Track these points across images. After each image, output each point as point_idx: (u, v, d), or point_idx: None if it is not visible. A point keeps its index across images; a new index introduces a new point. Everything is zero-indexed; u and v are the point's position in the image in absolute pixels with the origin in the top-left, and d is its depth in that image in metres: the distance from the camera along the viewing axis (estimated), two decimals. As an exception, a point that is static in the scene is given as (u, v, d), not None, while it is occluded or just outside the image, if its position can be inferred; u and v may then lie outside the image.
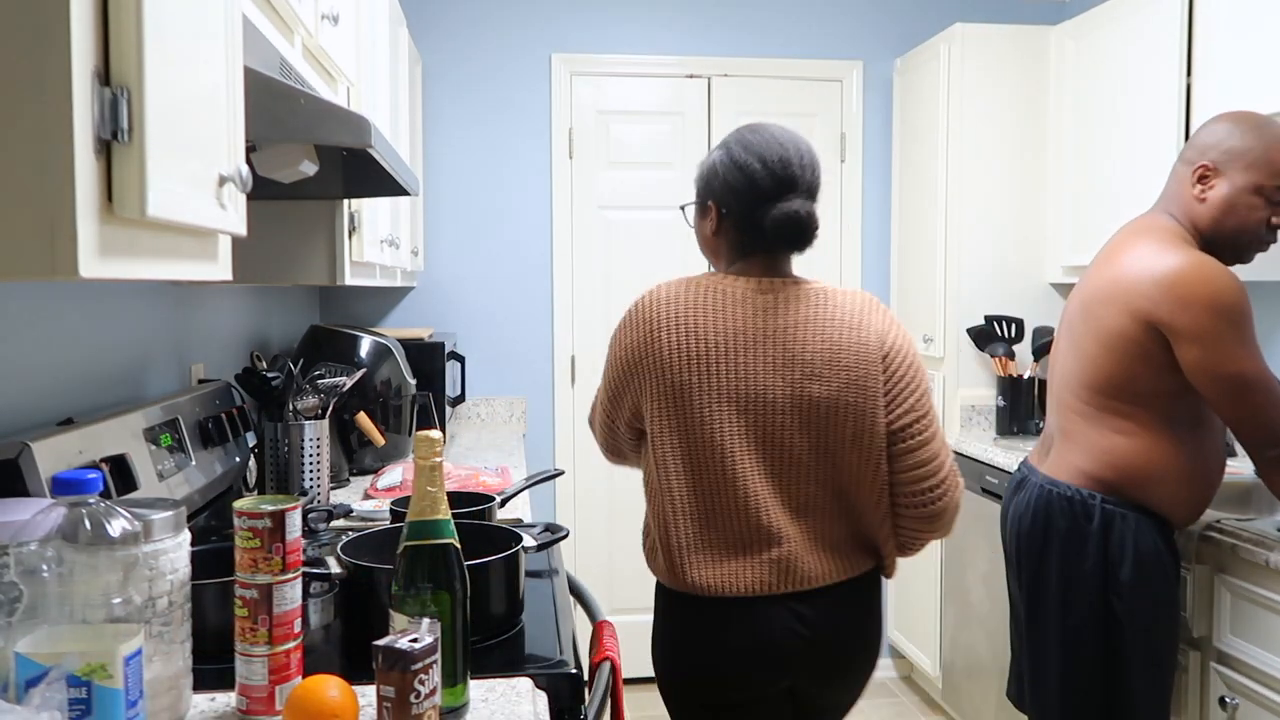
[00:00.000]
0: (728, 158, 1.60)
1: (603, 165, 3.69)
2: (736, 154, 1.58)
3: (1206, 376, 1.81)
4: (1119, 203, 2.86)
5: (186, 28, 0.90)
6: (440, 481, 1.09)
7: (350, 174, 1.88)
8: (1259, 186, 1.86)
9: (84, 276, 0.72)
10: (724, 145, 1.62)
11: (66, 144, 0.70)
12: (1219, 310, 1.78)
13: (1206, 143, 1.94)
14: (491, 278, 3.68)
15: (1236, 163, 1.89)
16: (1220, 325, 1.78)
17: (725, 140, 1.63)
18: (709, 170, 1.63)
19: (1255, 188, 1.87)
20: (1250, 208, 1.87)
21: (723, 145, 1.62)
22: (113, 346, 1.73)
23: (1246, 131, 1.90)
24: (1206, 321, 1.78)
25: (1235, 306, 1.78)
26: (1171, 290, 1.81)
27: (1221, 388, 1.80)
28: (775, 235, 1.58)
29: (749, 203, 1.57)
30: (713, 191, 1.62)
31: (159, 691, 1.03)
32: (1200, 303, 1.78)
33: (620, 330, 1.59)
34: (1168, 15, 2.66)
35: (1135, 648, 1.92)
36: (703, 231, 1.67)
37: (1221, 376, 1.80)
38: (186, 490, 1.69)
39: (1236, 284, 1.80)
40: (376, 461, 2.61)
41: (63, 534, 0.88)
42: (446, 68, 3.61)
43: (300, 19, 1.62)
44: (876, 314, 1.60)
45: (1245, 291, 1.80)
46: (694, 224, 1.71)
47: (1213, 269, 1.81)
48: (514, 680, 1.22)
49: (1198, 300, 1.78)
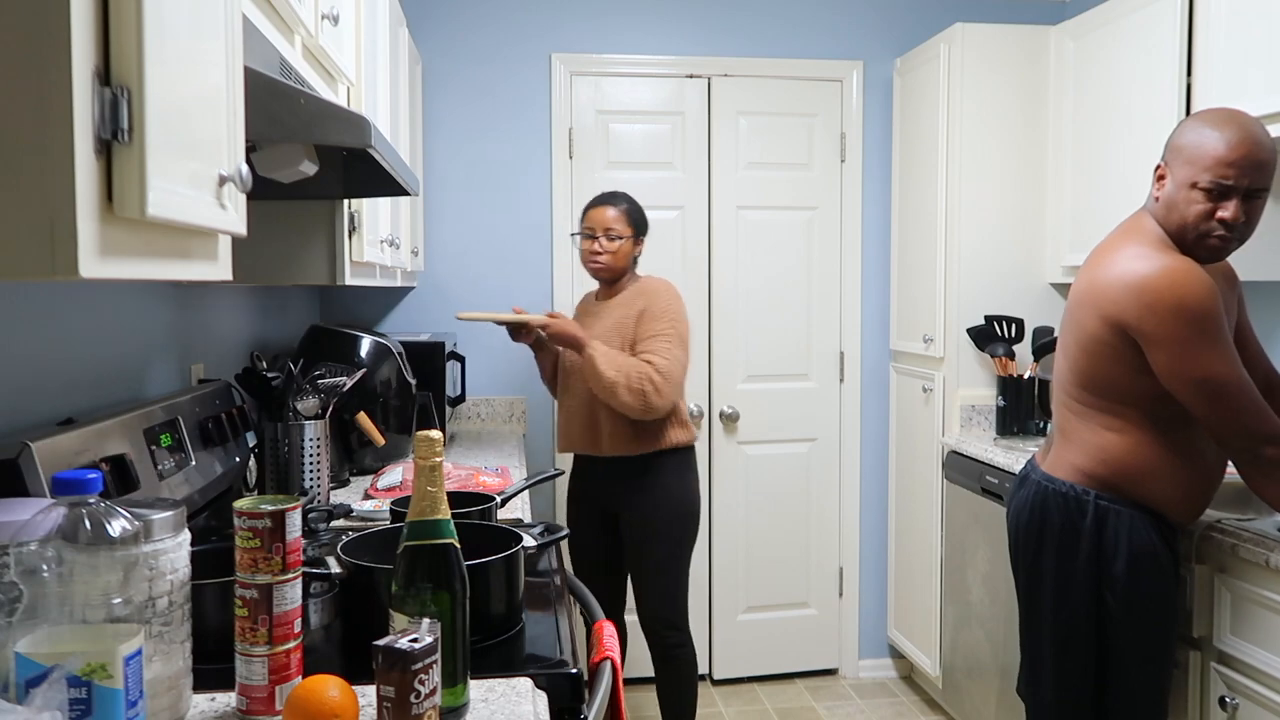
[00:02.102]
0: None
1: (603, 165, 3.69)
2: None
3: (1177, 380, 1.83)
4: (1119, 203, 2.86)
5: (186, 28, 0.90)
6: (440, 481, 1.09)
7: (350, 174, 1.88)
8: (1193, 182, 1.87)
9: (84, 276, 0.72)
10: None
11: (66, 144, 0.70)
12: (1184, 316, 1.80)
13: (1167, 142, 1.98)
14: (491, 278, 3.68)
15: (1176, 159, 1.92)
16: (1186, 330, 1.80)
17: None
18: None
19: (1190, 183, 1.88)
20: (1188, 202, 1.88)
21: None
22: (113, 346, 1.73)
23: (1191, 129, 1.92)
24: (1172, 327, 1.80)
25: (1201, 311, 1.80)
26: (1139, 297, 1.83)
27: (1192, 390, 1.83)
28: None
29: None
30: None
31: (159, 691, 1.03)
32: (1166, 308, 1.80)
33: (678, 298, 2.76)
34: (1168, 15, 2.66)
35: (1129, 642, 1.92)
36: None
37: (1191, 380, 1.82)
38: (186, 490, 1.69)
39: (1204, 288, 1.81)
40: (376, 461, 2.61)
41: (63, 534, 0.88)
42: (446, 68, 3.61)
43: (300, 19, 1.62)
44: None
45: (1215, 294, 1.82)
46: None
47: (1181, 274, 1.82)
48: (514, 680, 1.22)
49: (1163, 306, 1.81)
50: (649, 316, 2.69)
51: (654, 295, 2.73)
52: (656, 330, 2.67)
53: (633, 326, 2.70)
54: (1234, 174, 1.83)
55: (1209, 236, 1.87)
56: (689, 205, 3.70)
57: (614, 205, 2.82)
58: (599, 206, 2.83)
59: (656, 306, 2.71)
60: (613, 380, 2.57)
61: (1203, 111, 1.97)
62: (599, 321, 2.79)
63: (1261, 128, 1.88)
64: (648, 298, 2.73)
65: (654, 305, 2.71)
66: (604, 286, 2.89)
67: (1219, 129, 1.86)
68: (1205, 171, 1.85)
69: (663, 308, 2.70)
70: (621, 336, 2.71)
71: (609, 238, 2.78)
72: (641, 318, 2.70)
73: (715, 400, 3.73)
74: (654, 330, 2.67)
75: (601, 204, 2.84)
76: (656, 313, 2.69)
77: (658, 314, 2.69)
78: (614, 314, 2.77)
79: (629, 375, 2.58)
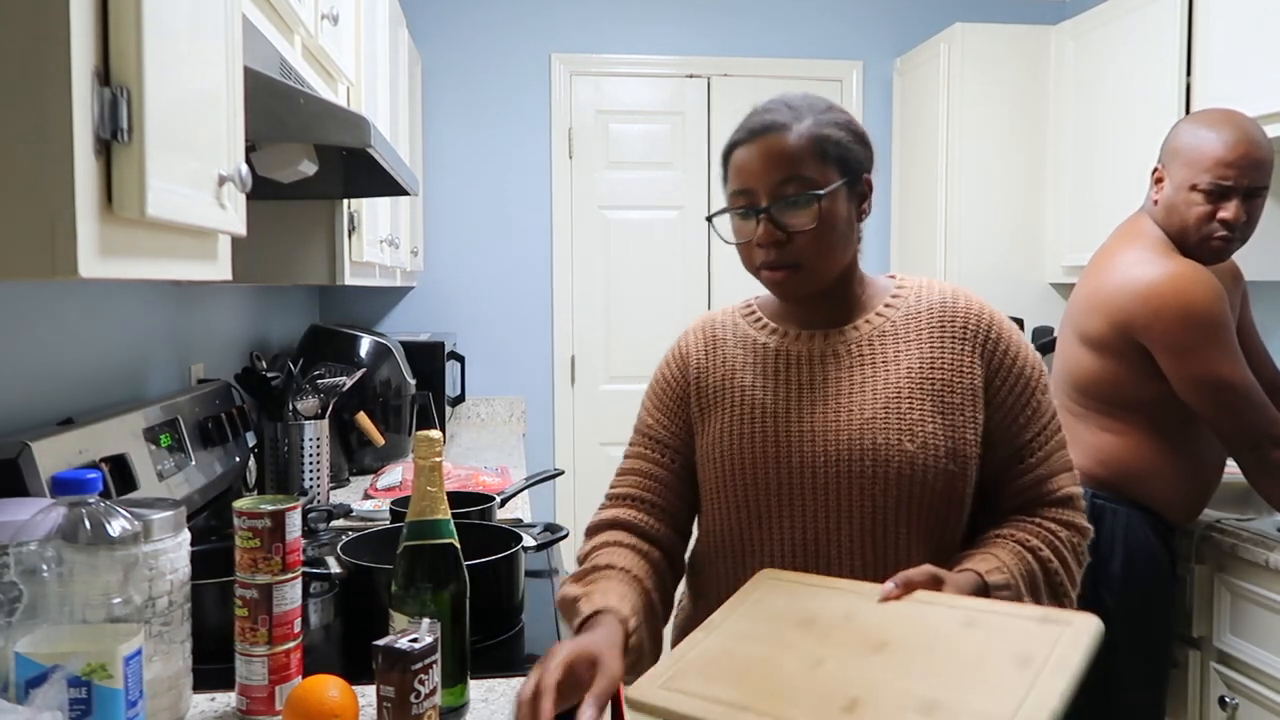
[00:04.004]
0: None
1: (603, 165, 3.69)
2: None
3: (1186, 383, 1.85)
4: (1119, 203, 2.86)
5: (186, 28, 0.90)
6: (440, 481, 1.09)
7: (350, 174, 1.89)
8: (1193, 184, 1.88)
9: (84, 276, 0.72)
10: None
11: (66, 144, 0.70)
12: (1192, 321, 1.81)
13: (1163, 145, 1.98)
14: (491, 278, 3.68)
15: (1174, 162, 1.93)
16: (1194, 335, 1.81)
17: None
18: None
19: (1190, 185, 1.88)
20: (1188, 204, 1.89)
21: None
22: (113, 346, 1.73)
23: (1187, 131, 1.93)
24: (1180, 333, 1.82)
25: (1208, 315, 1.81)
26: (1146, 303, 1.84)
27: (1200, 393, 1.84)
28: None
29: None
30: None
31: (159, 691, 1.03)
32: (1173, 314, 1.81)
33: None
34: (1168, 15, 2.66)
35: (1126, 641, 1.93)
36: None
37: (1200, 383, 1.83)
38: (186, 490, 1.69)
39: (1211, 292, 1.82)
40: (376, 461, 2.61)
41: (63, 534, 0.88)
42: (446, 68, 3.61)
43: (300, 19, 1.62)
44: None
45: (1222, 297, 1.82)
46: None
47: (1186, 279, 1.82)
48: (514, 680, 1.22)
49: (1170, 311, 1.82)
50: (1022, 382, 1.24)
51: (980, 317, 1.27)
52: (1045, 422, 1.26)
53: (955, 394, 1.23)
54: (1233, 174, 1.84)
55: (1211, 238, 1.88)
56: (689, 205, 3.70)
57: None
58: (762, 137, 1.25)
59: (1015, 349, 1.27)
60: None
61: (1198, 113, 1.97)
62: (839, 373, 1.26)
63: (1258, 127, 1.89)
64: (978, 324, 1.26)
65: (1010, 346, 1.26)
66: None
67: (1216, 130, 1.86)
68: (1204, 173, 1.85)
69: (1033, 358, 1.29)
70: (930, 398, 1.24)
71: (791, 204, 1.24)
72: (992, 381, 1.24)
73: (715, 400, 3.73)
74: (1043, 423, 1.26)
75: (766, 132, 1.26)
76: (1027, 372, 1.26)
77: (1027, 371, 1.26)
78: (873, 349, 1.26)
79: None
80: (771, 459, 1.23)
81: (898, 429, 1.19)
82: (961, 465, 1.20)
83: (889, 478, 1.19)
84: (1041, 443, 1.24)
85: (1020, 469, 1.24)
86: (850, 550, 1.20)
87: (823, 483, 1.21)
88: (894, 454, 1.18)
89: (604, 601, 1.11)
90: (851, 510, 1.20)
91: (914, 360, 1.23)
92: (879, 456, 1.19)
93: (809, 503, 1.21)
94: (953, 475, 1.19)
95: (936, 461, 1.18)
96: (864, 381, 1.23)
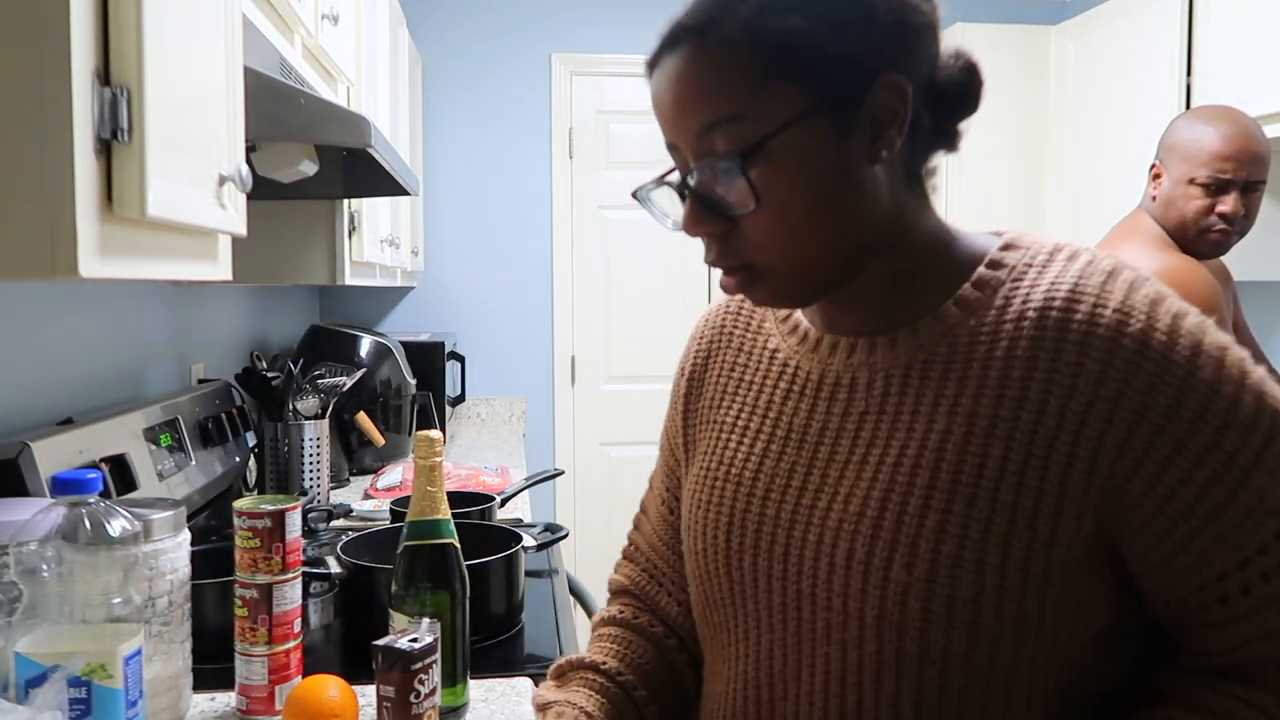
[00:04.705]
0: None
1: (603, 165, 3.69)
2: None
3: None
4: (1119, 202, 2.85)
5: (186, 28, 0.90)
6: (440, 481, 1.09)
7: (350, 174, 1.88)
8: (1191, 178, 1.89)
9: (84, 276, 0.72)
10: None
11: (66, 144, 0.70)
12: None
13: (1160, 141, 1.99)
14: (491, 278, 3.68)
15: (1171, 157, 1.93)
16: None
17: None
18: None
19: (1188, 179, 1.89)
20: (1186, 198, 1.90)
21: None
22: (113, 346, 1.73)
23: (1184, 126, 1.94)
24: None
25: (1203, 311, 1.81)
26: None
27: None
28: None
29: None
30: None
31: (159, 691, 1.03)
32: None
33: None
34: (1168, 15, 2.66)
35: None
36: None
37: None
38: (186, 490, 1.69)
39: (1206, 287, 1.83)
40: (376, 461, 2.61)
41: (63, 534, 0.88)
42: (446, 68, 3.61)
43: (300, 19, 1.62)
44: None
45: (1217, 293, 1.84)
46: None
47: (1182, 274, 1.84)
48: (514, 680, 1.22)
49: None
50: (1206, 471, 0.67)
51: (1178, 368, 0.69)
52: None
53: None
54: (1231, 167, 1.84)
55: (1210, 231, 1.89)
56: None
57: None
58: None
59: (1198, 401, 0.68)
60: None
61: (1195, 109, 1.98)
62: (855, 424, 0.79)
63: (1255, 122, 1.90)
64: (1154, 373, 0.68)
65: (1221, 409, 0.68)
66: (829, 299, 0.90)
67: (1214, 124, 1.87)
68: (1202, 167, 1.86)
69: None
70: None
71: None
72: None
73: (715, 400, 3.72)
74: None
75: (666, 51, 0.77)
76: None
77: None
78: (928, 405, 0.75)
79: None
80: (735, 544, 0.79)
81: (890, 540, 0.70)
82: (1015, 620, 0.67)
83: (864, 620, 0.70)
84: (1249, 579, 0.66)
85: (1204, 618, 0.68)
86: (810, 712, 0.74)
87: (779, 602, 0.76)
88: (874, 581, 0.70)
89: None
90: (814, 654, 0.74)
91: (962, 417, 0.70)
92: (850, 583, 0.71)
93: (763, 624, 0.77)
94: (987, 635, 0.68)
95: (951, 609, 0.68)
96: (872, 443, 0.74)
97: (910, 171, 0.77)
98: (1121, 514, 0.67)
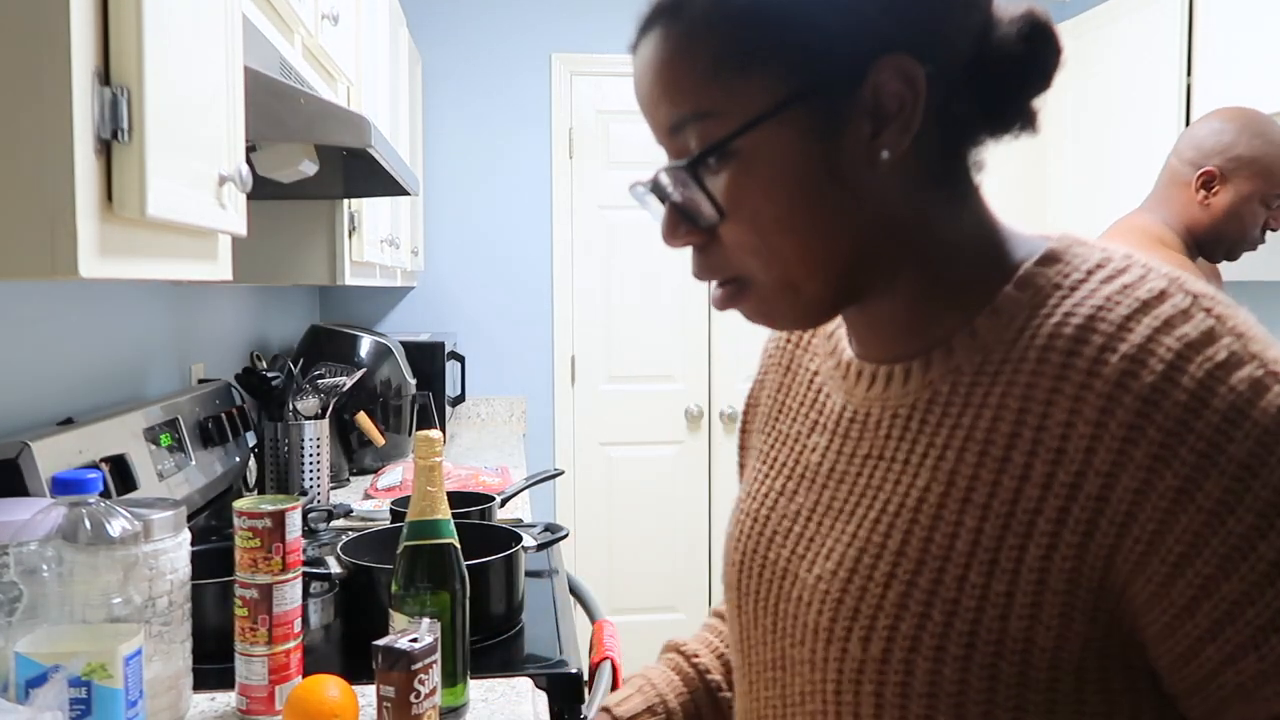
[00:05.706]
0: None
1: (603, 165, 3.69)
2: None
3: None
4: (1119, 202, 2.86)
5: (186, 28, 0.90)
6: (440, 481, 1.09)
7: (350, 174, 1.88)
8: (1264, 195, 1.87)
9: (84, 276, 0.72)
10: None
11: (66, 144, 0.70)
12: None
13: (1208, 145, 1.92)
14: (491, 277, 3.68)
15: (1244, 171, 1.89)
16: None
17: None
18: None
19: (1260, 196, 1.88)
20: (1254, 215, 1.89)
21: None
22: (113, 346, 1.73)
23: (1253, 137, 1.89)
24: None
25: None
26: None
27: None
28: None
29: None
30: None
31: (159, 691, 1.03)
32: None
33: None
34: (1168, 15, 2.66)
35: None
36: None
37: None
38: (186, 490, 1.69)
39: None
40: (376, 461, 2.61)
41: (63, 534, 0.88)
42: (446, 67, 3.61)
43: (300, 19, 1.62)
44: None
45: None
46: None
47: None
48: (514, 680, 1.22)
49: None
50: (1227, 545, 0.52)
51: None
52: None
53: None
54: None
55: (1254, 244, 1.90)
56: (689, 205, 3.70)
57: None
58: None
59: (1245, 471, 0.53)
60: None
61: (1246, 114, 1.93)
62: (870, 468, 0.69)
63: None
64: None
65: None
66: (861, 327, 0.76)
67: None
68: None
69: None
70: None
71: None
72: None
73: (715, 400, 3.73)
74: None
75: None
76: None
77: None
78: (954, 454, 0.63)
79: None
80: (745, 587, 0.73)
81: (852, 609, 0.62)
82: (1020, 663, 0.56)
83: (825, 694, 0.64)
84: (1255, 644, 0.51)
85: (1206, 682, 0.54)
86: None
87: (770, 658, 0.70)
88: (834, 653, 0.62)
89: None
90: (803, 701, 0.66)
91: (943, 474, 0.60)
92: (816, 651, 0.64)
93: (758, 678, 0.72)
94: (996, 677, 0.56)
95: (904, 700, 0.59)
96: (864, 492, 0.65)
97: (944, 165, 0.66)
98: (1132, 621, 0.54)
